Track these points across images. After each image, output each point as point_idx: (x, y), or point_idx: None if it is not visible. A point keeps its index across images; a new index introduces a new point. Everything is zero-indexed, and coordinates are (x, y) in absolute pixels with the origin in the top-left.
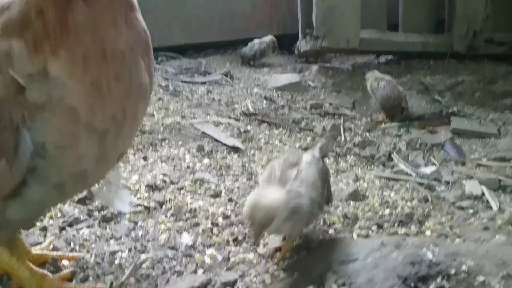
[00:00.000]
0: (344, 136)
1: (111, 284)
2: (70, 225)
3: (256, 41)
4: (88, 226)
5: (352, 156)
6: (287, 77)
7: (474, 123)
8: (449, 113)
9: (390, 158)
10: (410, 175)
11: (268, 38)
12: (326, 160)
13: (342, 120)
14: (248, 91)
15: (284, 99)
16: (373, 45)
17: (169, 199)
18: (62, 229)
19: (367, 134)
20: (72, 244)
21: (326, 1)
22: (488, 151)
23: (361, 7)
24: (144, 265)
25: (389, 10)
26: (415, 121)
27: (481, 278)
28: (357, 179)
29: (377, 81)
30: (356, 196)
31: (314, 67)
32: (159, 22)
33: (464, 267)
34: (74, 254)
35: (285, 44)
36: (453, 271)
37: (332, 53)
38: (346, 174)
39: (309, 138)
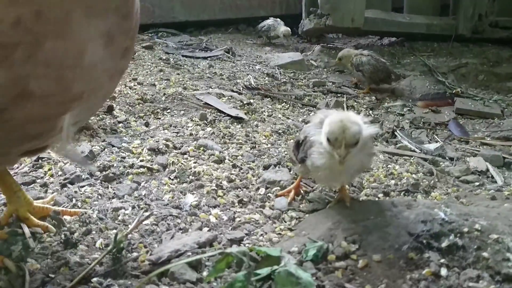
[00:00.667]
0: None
1: (116, 236)
2: (72, 182)
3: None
4: (90, 185)
5: None
6: (290, 56)
7: (478, 103)
8: (453, 94)
9: (393, 135)
10: (414, 151)
11: (282, 27)
12: None
13: (345, 98)
14: (250, 68)
15: (287, 76)
16: (378, 25)
17: (172, 162)
18: (63, 186)
19: (370, 112)
20: (74, 200)
21: None
22: (492, 130)
23: None
24: (148, 221)
25: None
26: (418, 101)
27: (494, 236)
28: None
29: (359, 57)
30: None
31: (317, 47)
32: None
33: (477, 226)
34: (77, 210)
35: (287, 24)
36: (466, 230)
37: (335, 34)
38: None
39: (312, 114)
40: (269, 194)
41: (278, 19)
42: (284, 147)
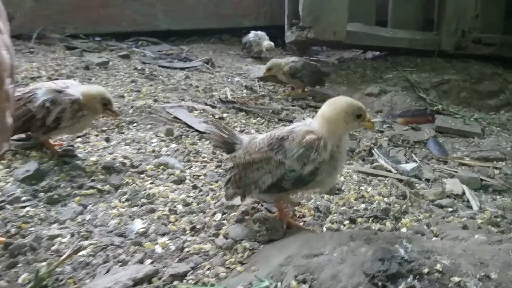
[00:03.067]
0: None
1: (38, 272)
2: (10, 203)
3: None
4: (32, 206)
5: None
6: None
7: (458, 122)
8: (434, 111)
9: (370, 153)
10: (390, 171)
11: (266, 42)
12: None
13: None
14: (229, 80)
15: (266, 89)
16: (360, 39)
17: (127, 183)
18: (0, 208)
19: None
20: (9, 225)
21: None
22: (471, 150)
23: (350, 0)
24: (85, 252)
25: (379, 6)
26: (398, 118)
27: (456, 279)
28: None
29: (294, 64)
30: (331, 189)
31: (297, 58)
32: (142, 4)
33: (438, 266)
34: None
35: (272, 34)
36: (426, 270)
37: (319, 47)
38: None
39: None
40: (225, 221)
41: (259, 32)
42: None
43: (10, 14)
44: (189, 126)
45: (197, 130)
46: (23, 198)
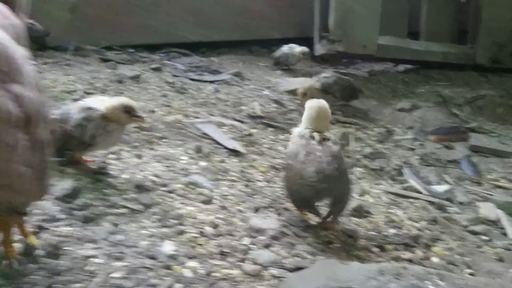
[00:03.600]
0: (354, 146)
1: None
2: (48, 222)
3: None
4: (68, 225)
5: (360, 168)
6: (299, 81)
7: (494, 140)
8: (467, 129)
9: (400, 172)
10: (420, 192)
11: (298, 49)
12: None
13: (353, 129)
14: (258, 93)
15: (295, 103)
16: (391, 52)
17: (157, 202)
18: (39, 227)
19: (379, 145)
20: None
21: (345, 4)
22: (508, 171)
23: (381, 12)
24: (117, 274)
25: (411, 17)
26: (430, 135)
27: None
28: (363, 193)
29: (325, 80)
30: (360, 212)
31: (329, 72)
32: (173, 17)
33: None
34: None
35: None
36: None
37: (349, 59)
38: (352, 187)
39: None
40: (252, 245)
41: (292, 44)
42: (279, 185)
43: (45, 29)
44: (218, 143)
45: (225, 147)
46: (60, 217)
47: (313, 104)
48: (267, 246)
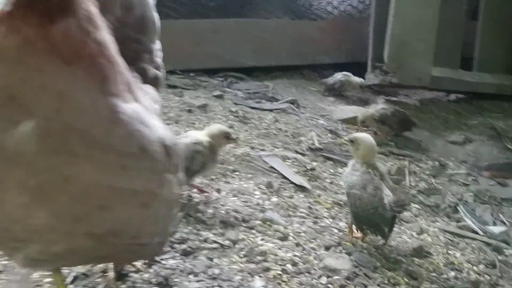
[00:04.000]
0: (409, 180)
1: None
2: None
3: (341, 73)
4: (171, 258)
5: (416, 204)
6: (353, 110)
7: None
8: None
9: (456, 209)
10: (476, 232)
11: (354, 78)
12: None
13: (407, 162)
14: (314, 122)
15: (349, 133)
16: (444, 84)
17: (242, 238)
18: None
19: (433, 180)
20: (159, 276)
21: (400, 37)
22: None
23: (435, 44)
24: None
25: (464, 45)
26: (484, 170)
27: None
28: (421, 231)
29: (383, 112)
30: (420, 252)
31: (380, 101)
32: (230, 43)
33: None
34: None
35: (352, 71)
36: None
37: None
38: (409, 225)
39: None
40: (330, 285)
41: (346, 72)
42: (344, 222)
43: None
44: (285, 178)
45: (292, 182)
46: (165, 250)
47: (364, 139)
48: (342, 287)
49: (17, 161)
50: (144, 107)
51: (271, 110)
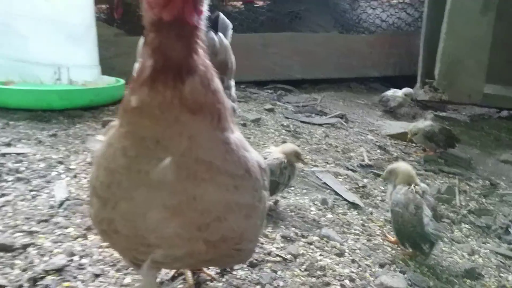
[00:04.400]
0: (459, 200)
1: None
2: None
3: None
4: (239, 269)
5: (467, 225)
6: (401, 125)
7: None
8: None
9: (507, 231)
10: None
11: (408, 90)
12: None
13: (457, 181)
14: (363, 137)
15: (398, 149)
16: (496, 101)
17: (302, 253)
18: (224, 269)
19: (483, 200)
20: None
21: (452, 55)
22: None
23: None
24: None
25: None
26: None
27: None
28: (472, 252)
29: (431, 129)
30: (472, 274)
31: (429, 116)
32: (280, 56)
33: None
34: None
35: (400, 84)
36: None
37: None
38: (460, 246)
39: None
40: None
41: (396, 89)
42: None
43: None
44: (338, 194)
45: (345, 199)
46: None
47: (400, 168)
48: None
49: (160, 187)
50: (240, 134)
51: (321, 125)
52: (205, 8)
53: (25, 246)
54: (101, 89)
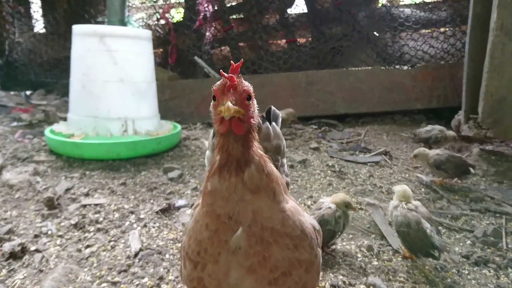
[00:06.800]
0: (506, 242)
1: None
2: None
3: (436, 127)
4: None
5: None
6: None
7: None
8: None
9: None
10: None
11: (450, 133)
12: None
13: (504, 221)
14: (407, 175)
15: (444, 188)
16: None
17: None
18: None
19: None
20: None
21: (496, 93)
22: None
23: None
24: None
25: None
26: None
27: None
28: None
29: (438, 157)
30: None
31: (475, 150)
32: (324, 93)
33: None
34: None
35: (443, 116)
36: None
37: None
38: None
39: (468, 242)
40: None
41: (442, 128)
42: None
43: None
44: (384, 238)
45: (390, 245)
46: None
47: (397, 189)
48: None
49: (236, 251)
50: (295, 203)
51: (365, 163)
52: (255, 114)
53: None
54: (161, 138)
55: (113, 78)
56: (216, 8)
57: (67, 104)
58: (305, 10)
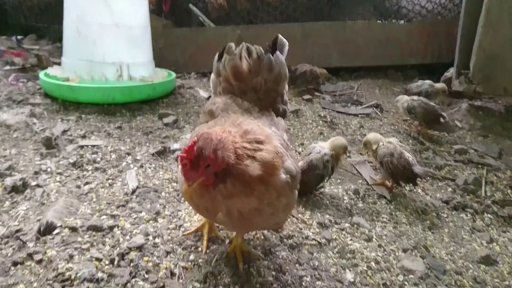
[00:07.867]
0: (485, 190)
1: None
2: (272, 247)
3: (427, 82)
4: (282, 250)
5: (489, 215)
6: None
7: None
8: None
9: None
10: None
11: (439, 85)
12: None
13: (485, 171)
14: (396, 127)
15: (431, 140)
16: None
17: (334, 238)
18: (269, 251)
19: (509, 191)
20: (272, 265)
21: (489, 51)
22: None
23: None
24: None
25: None
26: None
27: None
28: (491, 241)
29: (411, 102)
30: (487, 260)
31: (464, 105)
32: (320, 46)
33: None
34: None
35: (437, 71)
36: None
37: None
38: (480, 234)
39: (449, 190)
40: (406, 282)
41: (431, 82)
42: (421, 228)
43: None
44: (369, 185)
45: (374, 190)
46: (276, 243)
47: (371, 135)
48: (415, 285)
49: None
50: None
51: (356, 115)
52: (209, 169)
53: (111, 227)
54: (156, 84)
55: (108, 22)
56: None
57: (60, 49)
58: None
